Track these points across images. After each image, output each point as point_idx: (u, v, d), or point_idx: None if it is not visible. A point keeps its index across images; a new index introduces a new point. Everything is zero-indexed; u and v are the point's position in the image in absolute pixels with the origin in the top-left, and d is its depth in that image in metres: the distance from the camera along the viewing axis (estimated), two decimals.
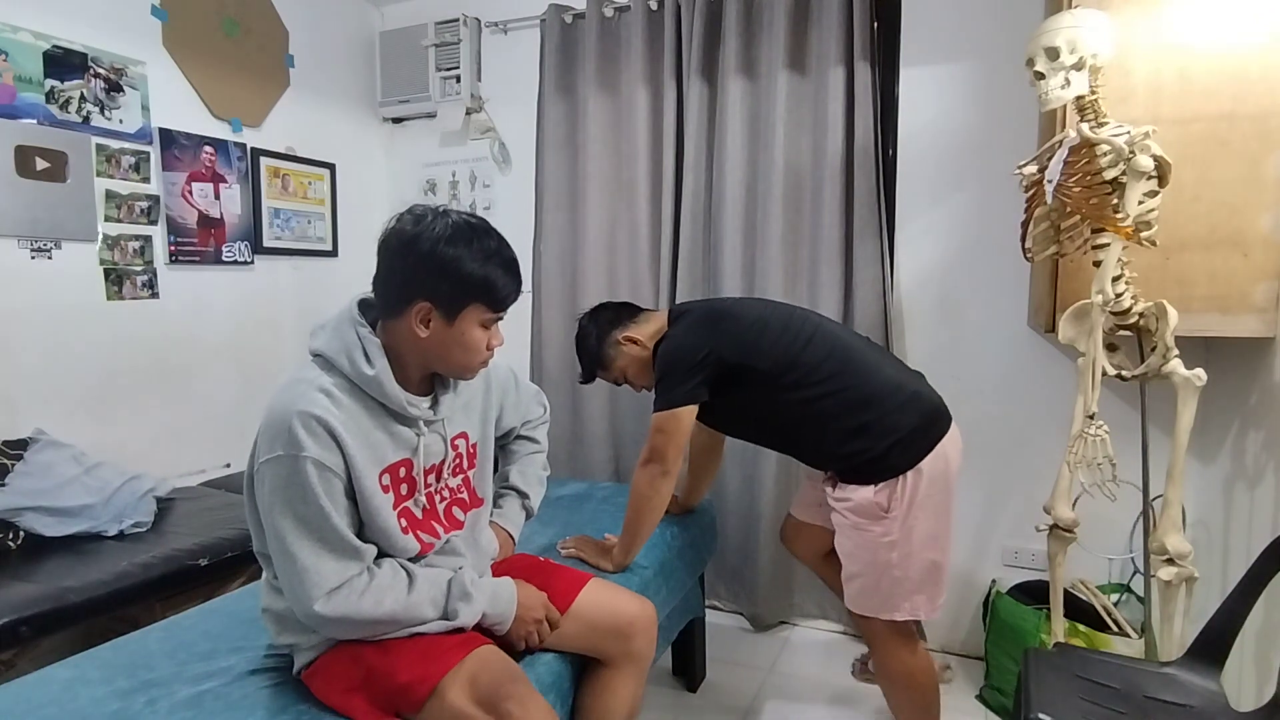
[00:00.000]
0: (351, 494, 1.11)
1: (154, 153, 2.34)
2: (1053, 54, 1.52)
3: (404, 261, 1.12)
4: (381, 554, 1.16)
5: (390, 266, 1.13)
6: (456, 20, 2.91)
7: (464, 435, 1.30)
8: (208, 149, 2.50)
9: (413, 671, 1.11)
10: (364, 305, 1.19)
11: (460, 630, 1.19)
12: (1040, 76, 1.55)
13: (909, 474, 1.51)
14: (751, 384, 1.59)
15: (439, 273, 1.10)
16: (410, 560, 1.19)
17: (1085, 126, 1.55)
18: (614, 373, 1.78)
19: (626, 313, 1.80)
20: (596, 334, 1.78)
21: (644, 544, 1.67)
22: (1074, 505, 1.70)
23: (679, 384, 1.57)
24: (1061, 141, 1.64)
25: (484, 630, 1.24)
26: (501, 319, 1.19)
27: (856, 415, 1.54)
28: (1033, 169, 1.75)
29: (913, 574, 1.55)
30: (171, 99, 2.39)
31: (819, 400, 1.56)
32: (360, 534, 1.13)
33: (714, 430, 1.89)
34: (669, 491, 1.63)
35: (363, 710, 1.11)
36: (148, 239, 2.34)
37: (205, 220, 2.50)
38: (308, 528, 1.07)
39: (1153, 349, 1.62)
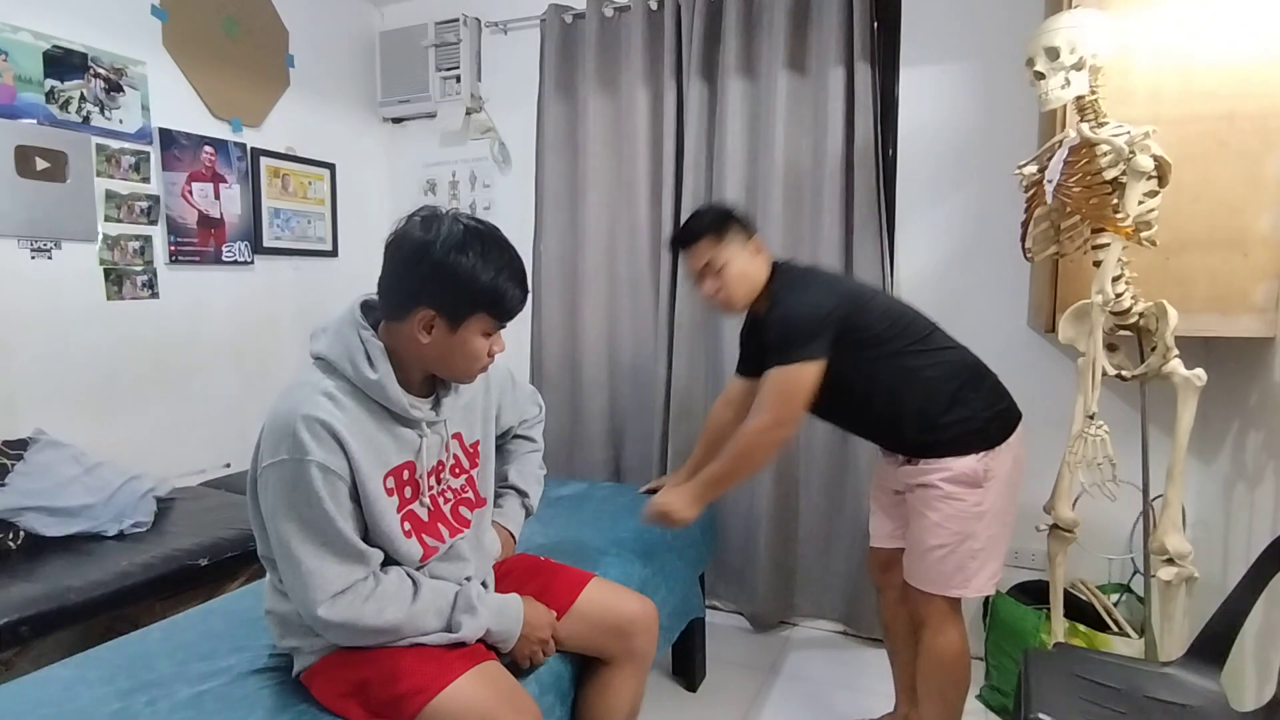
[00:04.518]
0: (356, 497, 1.11)
1: (154, 153, 2.34)
2: (1053, 54, 1.52)
3: (413, 268, 1.10)
4: (389, 561, 1.16)
5: (397, 271, 1.12)
6: (456, 20, 2.91)
7: (464, 436, 1.30)
8: (208, 149, 2.50)
9: (411, 682, 1.10)
10: (366, 307, 1.18)
11: (463, 644, 1.19)
12: (1040, 76, 1.55)
13: (1002, 447, 1.56)
14: (862, 346, 1.58)
15: (448, 282, 1.09)
16: (415, 565, 1.19)
17: (1085, 126, 1.55)
18: (721, 252, 1.64)
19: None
20: (737, 212, 1.71)
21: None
22: (1074, 505, 1.71)
23: (807, 340, 1.54)
24: (1061, 141, 1.64)
25: (488, 645, 1.23)
26: (504, 327, 1.18)
27: (959, 379, 1.59)
28: (1033, 169, 1.75)
29: (990, 546, 1.58)
30: (171, 99, 2.39)
31: (925, 359, 1.59)
32: (365, 538, 1.12)
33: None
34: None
35: (357, 716, 1.11)
36: (148, 239, 2.34)
37: (205, 220, 2.50)
38: (312, 531, 1.06)
39: (1153, 349, 1.62)
